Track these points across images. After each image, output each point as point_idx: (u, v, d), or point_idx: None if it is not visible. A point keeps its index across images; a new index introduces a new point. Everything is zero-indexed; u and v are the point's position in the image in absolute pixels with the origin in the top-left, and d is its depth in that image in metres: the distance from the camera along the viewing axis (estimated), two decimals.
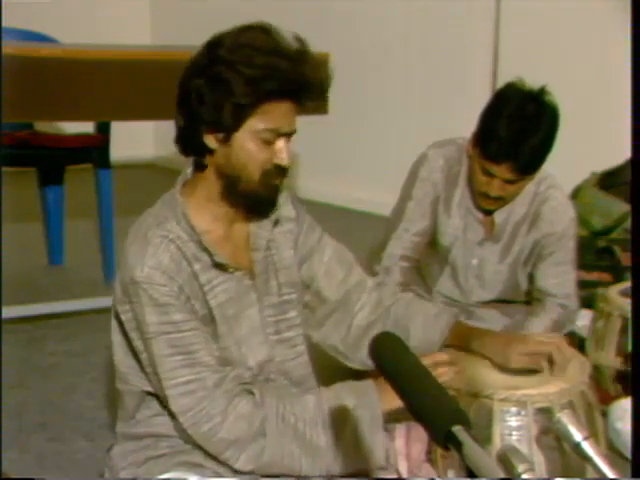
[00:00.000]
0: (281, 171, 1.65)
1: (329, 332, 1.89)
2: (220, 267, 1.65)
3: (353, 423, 1.61)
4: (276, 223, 1.76)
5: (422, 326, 1.88)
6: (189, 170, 1.70)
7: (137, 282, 1.57)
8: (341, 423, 1.62)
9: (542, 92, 2.27)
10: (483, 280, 2.57)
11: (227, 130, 1.60)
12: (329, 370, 1.91)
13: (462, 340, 1.99)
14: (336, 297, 1.87)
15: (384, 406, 1.63)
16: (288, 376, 1.74)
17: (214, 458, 1.62)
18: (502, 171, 2.28)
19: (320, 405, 1.63)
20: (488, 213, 2.50)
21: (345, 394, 1.65)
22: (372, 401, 1.63)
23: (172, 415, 1.64)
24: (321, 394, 1.66)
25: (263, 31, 1.61)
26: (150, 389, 1.68)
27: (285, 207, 1.79)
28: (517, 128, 2.23)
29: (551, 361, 1.85)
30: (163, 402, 1.65)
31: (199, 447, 1.63)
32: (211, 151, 1.63)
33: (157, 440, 1.68)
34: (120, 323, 1.68)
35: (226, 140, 1.61)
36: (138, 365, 1.68)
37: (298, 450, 1.60)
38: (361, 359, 1.87)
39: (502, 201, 2.41)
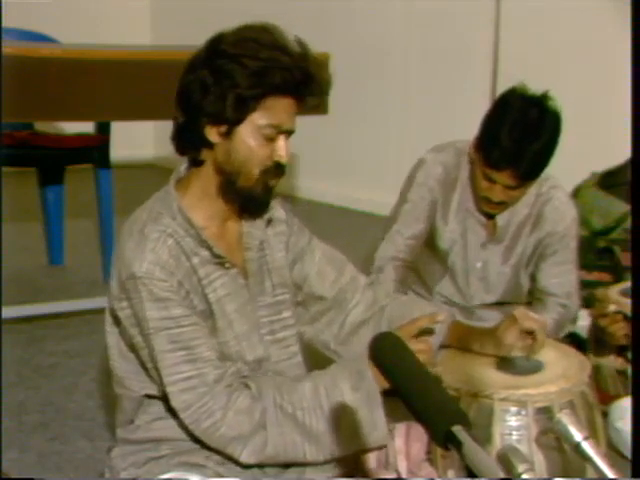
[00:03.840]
0: (279, 169, 1.65)
1: (322, 328, 1.89)
2: (217, 262, 1.65)
3: (352, 405, 1.61)
4: (269, 223, 1.77)
5: None
6: (182, 167, 1.70)
7: (137, 277, 1.57)
8: (340, 406, 1.61)
9: (545, 98, 2.24)
10: (487, 282, 2.55)
11: (230, 123, 1.60)
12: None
13: (459, 340, 1.99)
14: (330, 295, 1.87)
15: (380, 384, 1.62)
16: (282, 376, 1.73)
17: (215, 459, 1.62)
18: (503, 178, 2.27)
19: (317, 391, 1.62)
20: (490, 216, 2.49)
21: (341, 376, 1.64)
22: (368, 381, 1.61)
23: (174, 414, 1.63)
24: (317, 379, 1.65)
25: (265, 29, 1.62)
26: (149, 392, 1.67)
27: (275, 209, 1.79)
28: (519, 136, 2.20)
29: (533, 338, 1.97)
30: (164, 399, 1.65)
31: (201, 447, 1.63)
32: (210, 146, 1.63)
33: (157, 444, 1.68)
34: (117, 323, 1.68)
35: (228, 134, 1.61)
36: (135, 368, 1.67)
37: (300, 438, 1.60)
38: (352, 357, 1.86)
39: (504, 205, 2.40)
